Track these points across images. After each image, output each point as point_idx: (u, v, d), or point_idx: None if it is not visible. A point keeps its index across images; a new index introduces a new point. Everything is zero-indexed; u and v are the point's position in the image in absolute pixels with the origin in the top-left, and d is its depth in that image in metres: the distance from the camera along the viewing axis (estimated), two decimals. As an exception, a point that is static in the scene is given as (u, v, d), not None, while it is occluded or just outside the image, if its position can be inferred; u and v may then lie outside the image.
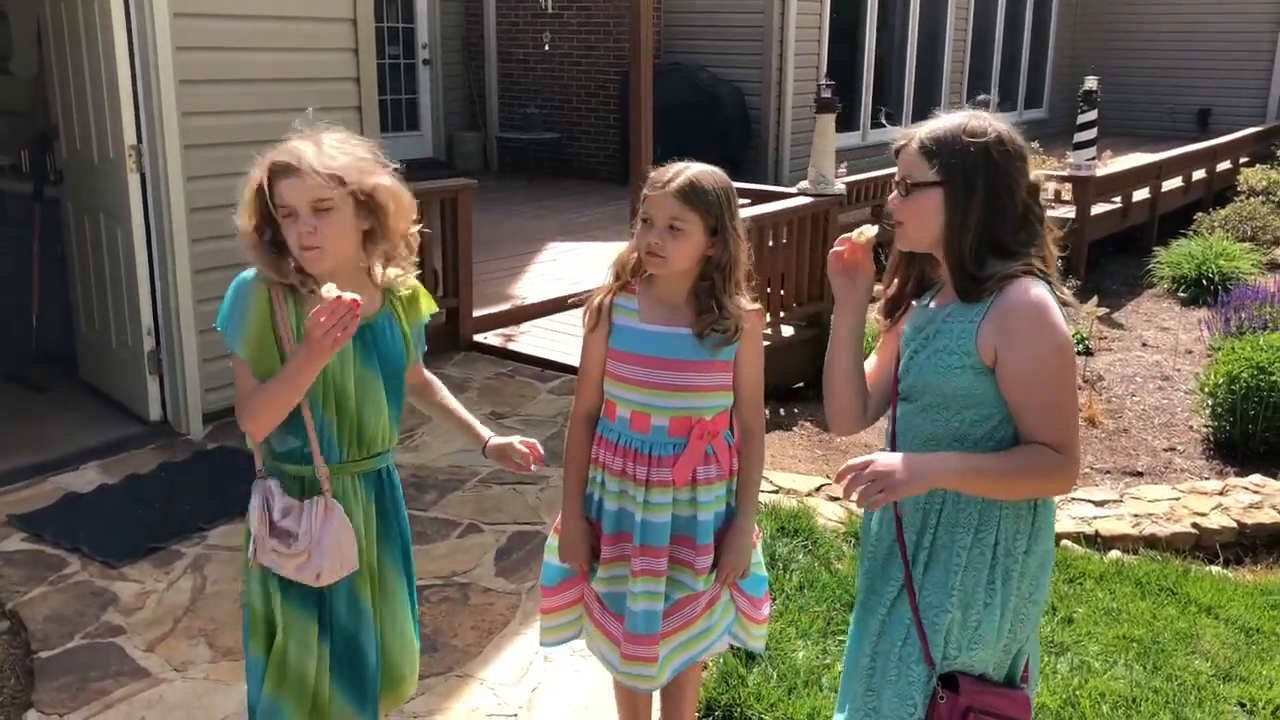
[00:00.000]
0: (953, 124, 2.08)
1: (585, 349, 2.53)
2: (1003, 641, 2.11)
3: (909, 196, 2.09)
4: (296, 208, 2.14)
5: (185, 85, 4.81)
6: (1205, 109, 16.12)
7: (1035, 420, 2.00)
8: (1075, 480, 2.06)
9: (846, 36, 12.42)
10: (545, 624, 2.67)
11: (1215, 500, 5.27)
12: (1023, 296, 1.98)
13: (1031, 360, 1.98)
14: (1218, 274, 9.20)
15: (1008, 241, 2.04)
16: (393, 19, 11.57)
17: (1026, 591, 2.12)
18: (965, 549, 2.08)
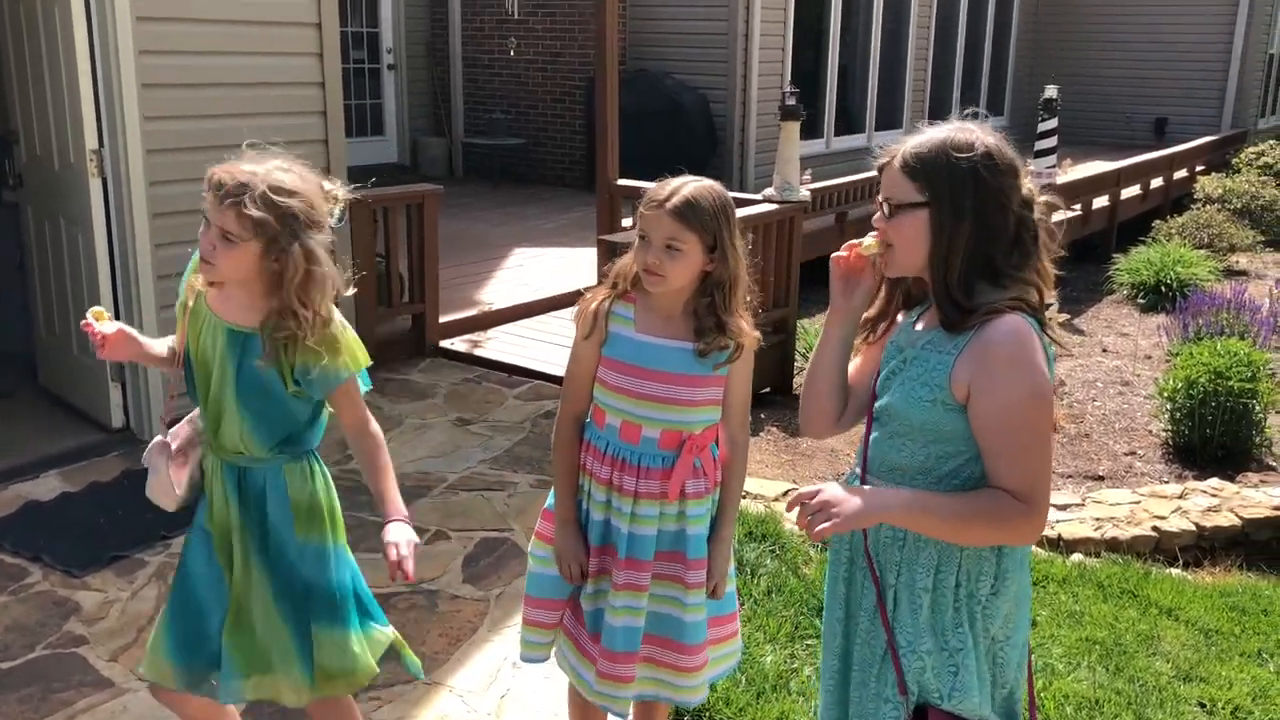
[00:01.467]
0: (938, 139, 1.95)
1: (577, 353, 2.49)
2: (986, 689, 2.02)
3: (893, 218, 1.97)
4: (211, 222, 2.23)
5: (148, 89, 4.76)
6: (1162, 118, 16.37)
7: (1001, 464, 1.90)
8: (1038, 532, 1.95)
9: (810, 44, 12.51)
10: (526, 636, 2.62)
11: (1175, 504, 5.35)
12: (1002, 335, 1.87)
13: (1004, 403, 1.87)
14: (1176, 280, 9.35)
15: (1000, 264, 1.92)
16: (357, 24, 11.52)
17: (1003, 635, 2.03)
18: (926, 590, 2.00)
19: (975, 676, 1.98)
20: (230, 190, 2.18)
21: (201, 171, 2.32)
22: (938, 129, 1.98)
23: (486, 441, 5.16)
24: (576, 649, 2.56)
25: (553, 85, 12.08)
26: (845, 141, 13.18)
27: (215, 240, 2.21)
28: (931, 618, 2.00)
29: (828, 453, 5.99)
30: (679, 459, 2.40)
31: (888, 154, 2.01)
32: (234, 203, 2.17)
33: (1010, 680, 2.07)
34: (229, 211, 2.18)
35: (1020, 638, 2.07)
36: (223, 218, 2.19)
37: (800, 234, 6.88)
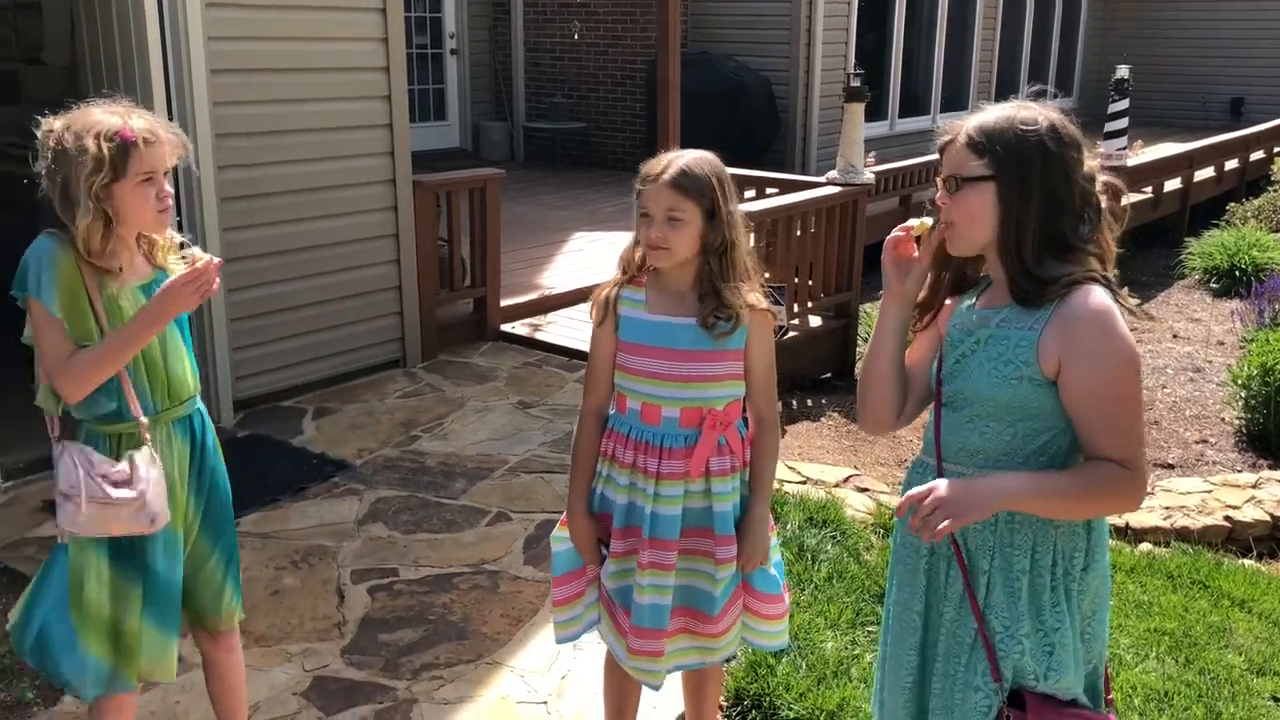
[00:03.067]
0: (1002, 114, 1.95)
1: (594, 344, 2.53)
2: (1080, 665, 2.01)
3: (959, 193, 1.95)
4: (158, 171, 2.31)
5: (216, 75, 4.83)
6: (1239, 98, 15.95)
7: (1102, 436, 1.89)
8: (1143, 498, 1.96)
9: (874, 25, 12.35)
10: (557, 618, 2.65)
11: (1248, 493, 5.23)
12: (1089, 304, 1.87)
13: (1099, 373, 1.86)
14: (1251, 265, 9.11)
15: (1068, 236, 1.92)
16: (420, 9, 11.59)
17: (1090, 610, 2.04)
18: (1024, 572, 1.99)
19: (1071, 655, 1.98)
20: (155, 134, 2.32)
21: (268, 156, 2.38)
22: (1000, 106, 1.98)
23: (547, 425, 5.18)
24: (613, 624, 2.58)
25: (614, 68, 12.06)
26: (910, 123, 13.01)
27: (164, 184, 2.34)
28: (1030, 600, 1.98)
29: (890, 438, 5.93)
30: (701, 436, 2.41)
31: (950, 131, 2.00)
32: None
33: (1095, 656, 2.06)
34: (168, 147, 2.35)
35: (1104, 614, 2.07)
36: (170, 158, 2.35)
37: (864, 217, 6.81)
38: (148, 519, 2.34)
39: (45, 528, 4.10)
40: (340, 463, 4.71)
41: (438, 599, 3.70)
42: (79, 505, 2.29)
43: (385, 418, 5.21)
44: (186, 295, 2.24)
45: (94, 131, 2.24)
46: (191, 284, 2.24)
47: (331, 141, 5.28)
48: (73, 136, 2.25)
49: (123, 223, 2.31)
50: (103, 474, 2.30)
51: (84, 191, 2.23)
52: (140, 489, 2.31)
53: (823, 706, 3.19)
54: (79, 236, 2.26)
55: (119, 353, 2.28)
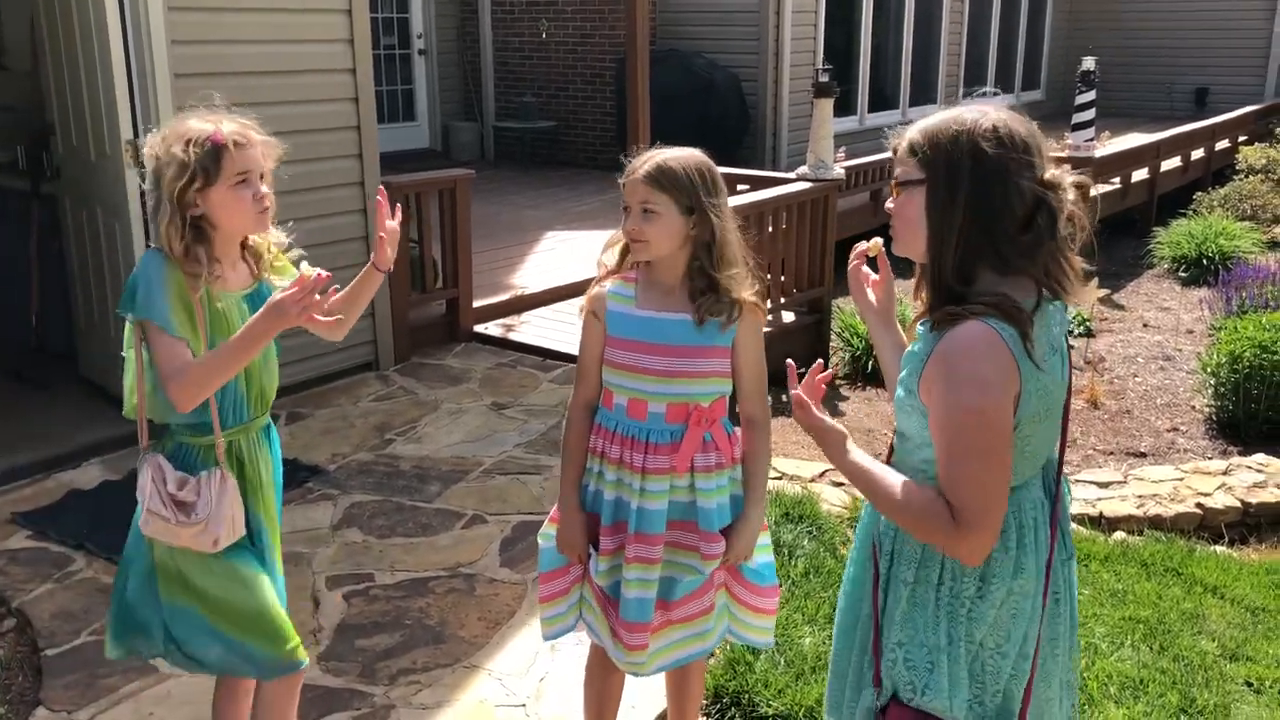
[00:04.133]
0: (944, 116, 1.85)
1: (583, 338, 2.54)
2: (963, 692, 1.91)
3: (898, 199, 1.90)
4: (253, 172, 2.31)
5: (181, 79, 4.78)
6: (1203, 88, 16.10)
7: (941, 474, 1.81)
8: (969, 553, 1.80)
9: (842, 20, 12.39)
10: (544, 614, 2.66)
11: (1219, 480, 5.28)
12: (951, 343, 1.76)
13: (940, 412, 1.79)
14: (1218, 253, 9.20)
15: (1005, 250, 1.78)
16: (387, 9, 11.53)
17: (991, 643, 1.92)
18: (907, 583, 1.94)
19: (947, 678, 1.90)
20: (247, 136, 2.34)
21: (235, 160, 2.36)
22: (957, 108, 1.88)
23: (522, 425, 5.16)
24: (606, 624, 2.58)
25: (583, 67, 12.04)
26: (879, 118, 13.06)
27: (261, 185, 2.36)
28: (909, 611, 1.94)
29: (864, 432, 5.95)
30: (687, 431, 2.42)
31: (899, 134, 1.93)
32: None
33: (1003, 688, 1.95)
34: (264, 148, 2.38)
35: (1013, 649, 1.93)
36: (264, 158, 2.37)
37: (834, 212, 6.83)
38: (210, 541, 2.34)
39: (15, 539, 4.05)
40: (314, 468, 4.68)
41: (414, 603, 3.68)
42: (150, 519, 2.33)
43: (359, 422, 5.18)
44: (294, 311, 2.17)
45: (185, 139, 2.26)
46: (298, 302, 2.16)
47: (298, 144, 5.17)
48: (165, 147, 2.28)
49: (221, 228, 2.32)
50: (170, 492, 2.32)
51: (167, 196, 2.26)
52: (203, 513, 2.31)
53: (801, 702, 3.20)
54: (165, 242, 2.28)
55: (229, 364, 2.26)
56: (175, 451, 2.40)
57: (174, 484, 2.33)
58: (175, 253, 2.28)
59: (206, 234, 2.30)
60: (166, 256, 2.29)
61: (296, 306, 2.16)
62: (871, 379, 6.72)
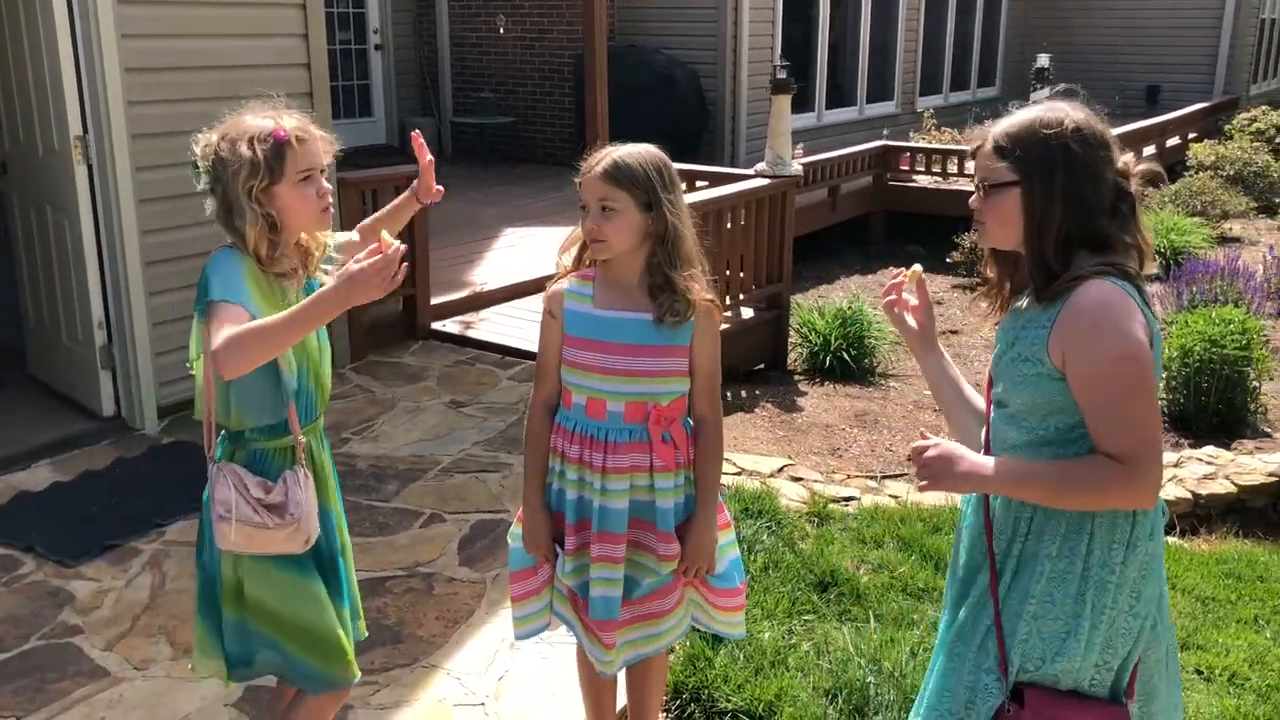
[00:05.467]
0: (1027, 118, 1.99)
1: (541, 337, 2.53)
2: (1094, 656, 1.99)
3: (988, 198, 2.02)
4: (316, 169, 2.28)
5: (131, 73, 4.71)
6: (1155, 86, 16.32)
7: (1099, 430, 1.90)
8: (1147, 494, 1.90)
9: (800, 17, 12.43)
10: (516, 614, 2.65)
11: (1171, 472, 5.35)
12: (1090, 298, 1.89)
13: (1093, 366, 1.89)
14: (1169, 248, 9.32)
15: (1099, 233, 1.95)
16: (343, 4, 11.42)
17: (1125, 604, 2.00)
18: (1051, 558, 2.00)
19: (1084, 644, 1.98)
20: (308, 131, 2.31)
21: (186, 156, 2.33)
22: (1027, 109, 2.02)
23: (480, 423, 5.14)
24: (581, 623, 2.58)
25: (541, 63, 12.00)
26: (837, 115, 13.12)
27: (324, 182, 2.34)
28: (1048, 587, 2.00)
29: (823, 428, 5.98)
30: (650, 431, 2.41)
31: (979, 137, 2.05)
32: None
33: (1123, 653, 2.02)
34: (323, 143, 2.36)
35: (1145, 607, 2.02)
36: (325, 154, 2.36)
37: (793, 208, 6.85)
38: (302, 540, 2.30)
39: (-39, 543, 3.98)
40: (269, 467, 4.63)
41: (372, 603, 3.65)
42: (233, 527, 2.25)
43: (315, 420, 5.12)
44: (376, 282, 1.99)
45: (248, 136, 2.22)
46: (380, 271, 1.98)
47: (253, 140, 5.18)
48: (228, 145, 2.22)
49: (285, 225, 2.28)
50: (257, 497, 2.26)
51: (244, 197, 2.20)
52: (294, 512, 2.27)
53: (760, 697, 3.20)
54: (250, 244, 2.23)
55: (289, 332, 2.08)
56: (249, 459, 2.33)
57: (258, 489, 2.27)
58: (264, 254, 2.23)
59: (277, 231, 2.26)
60: (239, 252, 2.25)
61: (378, 277, 1.98)
62: (829, 374, 6.75)
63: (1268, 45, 17.62)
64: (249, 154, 2.19)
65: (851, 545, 4.24)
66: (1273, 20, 17.64)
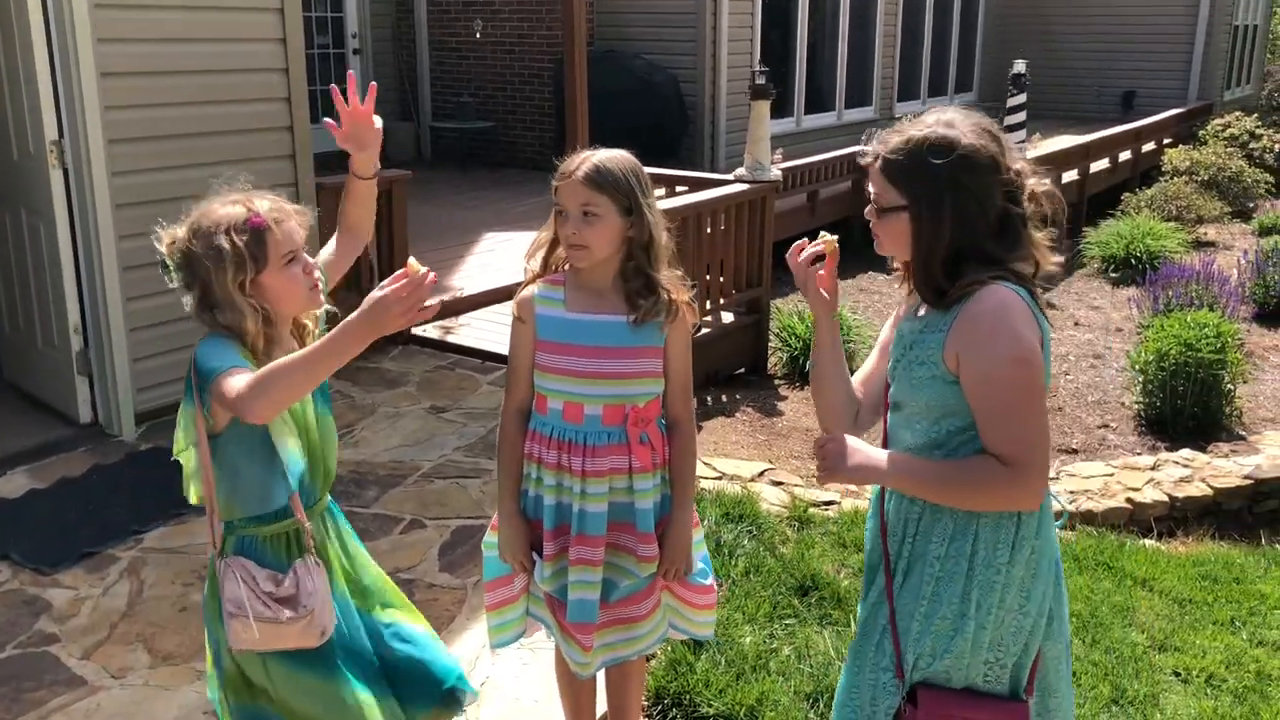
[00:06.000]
0: (916, 139, 1.99)
1: (513, 343, 2.52)
2: (983, 654, 2.03)
3: (880, 220, 2.06)
4: (299, 248, 2.18)
5: (108, 78, 4.68)
6: (1130, 91, 16.45)
7: (989, 431, 1.95)
8: (1032, 497, 1.96)
9: (779, 22, 12.47)
10: (492, 622, 2.64)
11: (1148, 475, 5.40)
12: (986, 305, 1.93)
13: (985, 369, 1.93)
14: (1145, 253, 9.40)
15: (987, 250, 1.98)
16: (321, 9, 11.39)
17: (1014, 603, 2.03)
18: (940, 559, 2.04)
19: (970, 643, 2.02)
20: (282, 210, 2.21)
21: (167, 161, 2.30)
22: (917, 127, 2.01)
23: (460, 429, 5.13)
24: (559, 626, 2.57)
25: (520, 67, 11.99)
26: (815, 120, 13.16)
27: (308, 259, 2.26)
28: (937, 587, 2.04)
29: (803, 432, 6.00)
30: (628, 433, 2.42)
31: (871, 155, 2.07)
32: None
33: (1016, 651, 2.06)
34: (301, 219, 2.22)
35: (1035, 606, 2.05)
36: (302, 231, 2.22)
37: (772, 213, 6.87)
38: (317, 632, 2.18)
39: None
40: (248, 473, 4.60)
41: (352, 609, 3.63)
42: (247, 624, 2.13)
43: (294, 426, 5.10)
44: (400, 310, 1.88)
45: (223, 228, 2.10)
46: (404, 299, 1.87)
47: (229, 146, 5.14)
48: (202, 241, 2.11)
49: (276, 312, 2.17)
50: (268, 591, 2.15)
51: (235, 293, 2.10)
52: (307, 604, 2.15)
53: (742, 701, 3.21)
54: (249, 340, 2.12)
55: (314, 368, 1.94)
56: (239, 548, 2.21)
57: (268, 582, 2.16)
58: (261, 348, 2.13)
59: (272, 321, 2.16)
60: (231, 340, 2.12)
61: (401, 305, 1.87)
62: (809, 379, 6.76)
63: (1240, 52, 17.80)
64: (229, 248, 2.08)
65: (832, 549, 4.25)
66: (1245, 27, 17.82)
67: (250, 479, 2.19)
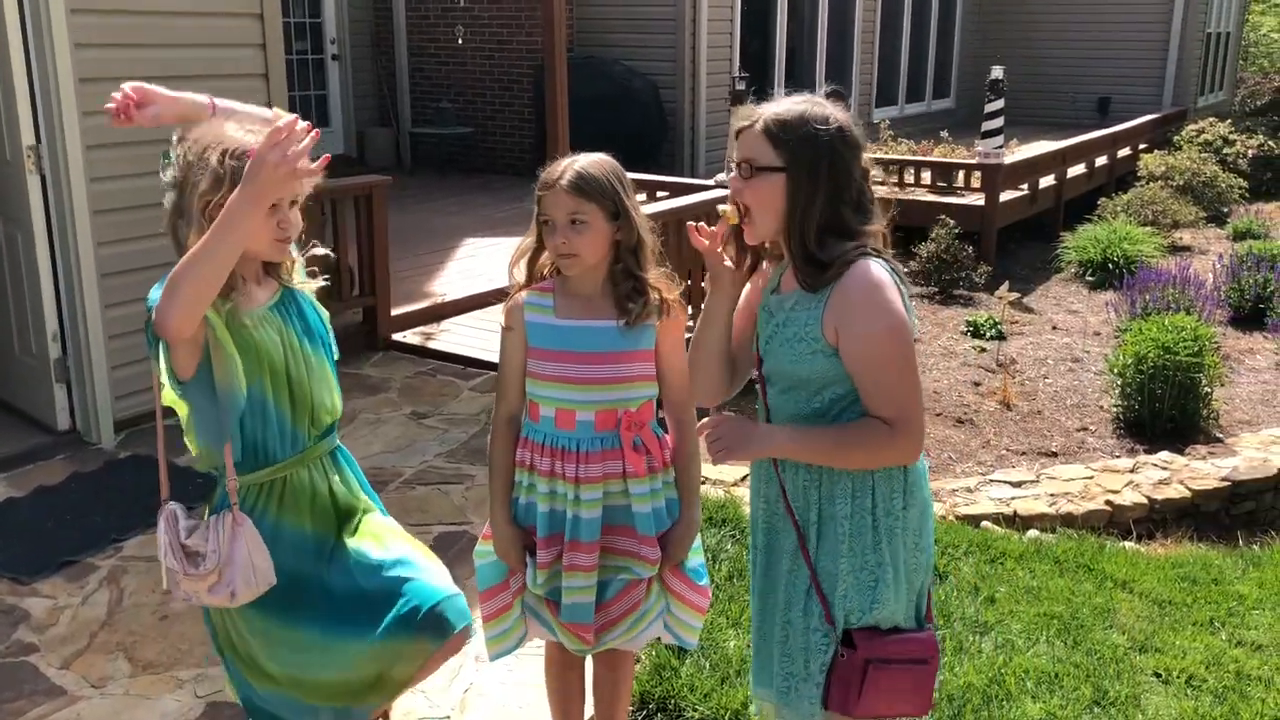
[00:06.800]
0: (797, 110, 2.13)
1: (503, 351, 2.51)
2: (902, 595, 2.23)
3: (751, 179, 2.15)
4: (284, 199, 2.16)
5: (85, 84, 4.65)
6: (1105, 97, 16.58)
7: (873, 397, 2.11)
8: (915, 452, 2.15)
9: (758, 28, 12.51)
10: (489, 633, 2.62)
11: (1127, 478, 5.43)
12: (859, 279, 2.08)
13: (864, 339, 2.08)
14: (1122, 257, 9.46)
15: (849, 223, 2.13)
16: (300, 14, 11.36)
17: (912, 543, 2.24)
18: (847, 517, 2.19)
19: (891, 588, 2.21)
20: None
21: (146, 167, 2.28)
22: (794, 100, 2.18)
23: (442, 435, 5.11)
24: (552, 617, 2.55)
25: (500, 73, 11.99)
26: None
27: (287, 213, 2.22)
28: (851, 543, 2.20)
29: (785, 436, 6.00)
30: (621, 438, 2.41)
31: (748, 118, 2.18)
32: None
33: (919, 585, 2.28)
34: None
35: (926, 542, 2.28)
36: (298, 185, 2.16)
37: (752, 219, 6.87)
38: (227, 594, 2.15)
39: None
40: (228, 481, 4.57)
41: (334, 617, 3.62)
42: (171, 578, 2.13)
43: (274, 433, 5.07)
44: (275, 160, 1.83)
45: (221, 147, 2.11)
46: (278, 148, 1.83)
47: (210, 150, 5.12)
48: (198, 150, 2.13)
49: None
50: (182, 541, 2.14)
51: (198, 210, 2.10)
52: (212, 562, 2.12)
53: (727, 706, 3.21)
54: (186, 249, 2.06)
55: (216, 251, 1.92)
56: (223, 502, 2.21)
57: (185, 532, 2.16)
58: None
59: None
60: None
61: (276, 155, 1.85)
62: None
63: (1214, 59, 17.97)
64: (216, 165, 2.09)
65: (815, 553, 4.26)
66: (1218, 34, 18.00)
67: (212, 422, 2.17)
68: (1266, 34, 25.16)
